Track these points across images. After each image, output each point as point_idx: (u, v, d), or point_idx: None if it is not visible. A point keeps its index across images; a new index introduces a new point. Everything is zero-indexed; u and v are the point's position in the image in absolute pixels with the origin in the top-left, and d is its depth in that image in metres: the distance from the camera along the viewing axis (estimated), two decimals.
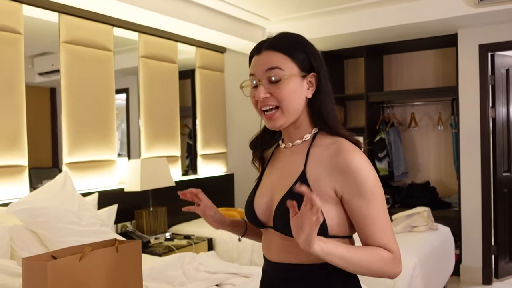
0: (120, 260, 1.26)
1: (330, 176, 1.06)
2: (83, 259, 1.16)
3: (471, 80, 4.06)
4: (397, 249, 1.07)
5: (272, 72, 1.08)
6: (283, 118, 1.10)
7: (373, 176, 1.06)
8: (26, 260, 1.15)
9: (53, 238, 2.34)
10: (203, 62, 4.32)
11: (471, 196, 4.08)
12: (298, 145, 1.15)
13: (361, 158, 1.06)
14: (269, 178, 1.20)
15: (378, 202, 1.05)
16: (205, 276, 2.18)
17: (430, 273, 2.80)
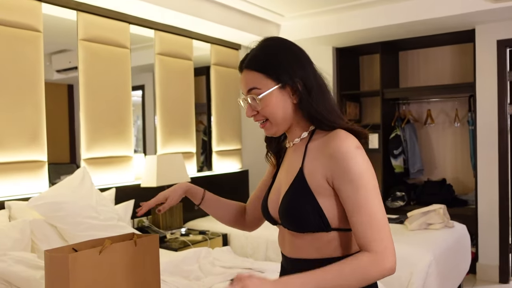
0: (139, 254, 1.28)
1: (322, 165, 1.08)
2: (102, 252, 1.19)
3: (488, 76, 4.01)
4: (383, 245, 1.00)
5: (251, 92, 1.13)
6: (274, 128, 1.16)
7: (362, 162, 1.05)
8: (48, 253, 1.19)
9: (72, 232, 2.39)
10: (218, 59, 4.34)
11: (488, 194, 4.04)
12: (297, 143, 1.18)
13: (352, 144, 1.05)
14: (279, 176, 1.23)
15: (366, 189, 1.03)
16: (221, 271, 2.21)
17: (446, 271, 2.79)
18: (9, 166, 2.67)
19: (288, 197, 1.12)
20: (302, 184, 1.09)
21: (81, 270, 1.14)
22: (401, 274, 2.58)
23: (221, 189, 4.20)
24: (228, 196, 4.62)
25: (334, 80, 4.80)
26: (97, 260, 1.18)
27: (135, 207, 3.08)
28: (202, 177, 4.07)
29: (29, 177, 2.77)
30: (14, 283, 1.94)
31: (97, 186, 2.92)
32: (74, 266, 1.13)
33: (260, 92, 1.12)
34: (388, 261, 1.00)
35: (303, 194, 1.09)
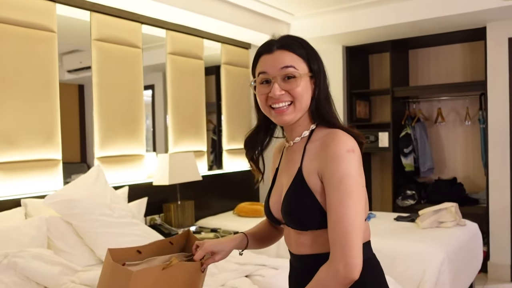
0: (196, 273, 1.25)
1: (318, 164, 1.09)
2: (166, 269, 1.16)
3: (500, 74, 3.99)
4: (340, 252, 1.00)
5: (287, 70, 1.12)
6: (293, 114, 1.14)
7: (348, 166, 1.04)
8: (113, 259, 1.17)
9: (88, 229, 2.43)
10: (228, 58, 4.36)
11: (499, 192, 4.02)
12: (297, 142, 1.19)
13: (345, 145, 1.05)
14: (279, 177, 1.25)
15: (344, 191, 1.02)
16: (235, 267, 2.24)
17: (458, 269, 2.78)
18: (25, 165, 2.71)
19: (289, 197, 1.14)
20: (302, 183, 1.11)
21: (140, 285, 1.12)
22: (414, 272, 2.59)
23: (231, 188, 4.26)
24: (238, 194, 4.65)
25: (344, 78, 4.80)
26: (158, 276, 1.15)
27: (148, 205, 3.12)
28: (213, 175, 4.10)
29: (44, 175, 2.81)
30: (32, 278, 1.97)
31: (110, 184, 2.95)
32: (135, 282, 1.11)
33: (298, 72, 1.12)
34: (340, 268, 1.00)
35: (303, 194, 1.10)
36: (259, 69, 1.16)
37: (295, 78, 1.12)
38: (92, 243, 2.44)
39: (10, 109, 2.65)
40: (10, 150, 2.65)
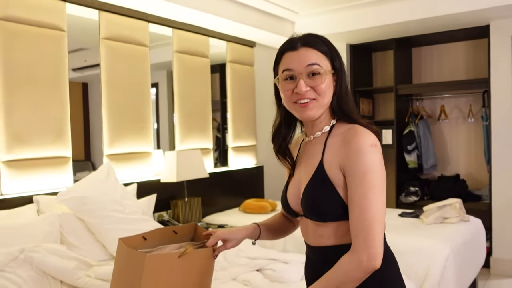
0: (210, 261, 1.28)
1: (340, 158, 1.13)
2: (181, 257, 1.19)
3: (503, 72, 4.03)
4: (363, 243, 1.05)
5: (312, 67, 1.16)
6: (316, 109, 1.18)
7: (372, 160, 1.08)
8: (124, 245, 1.22)
9: (99, 225, 2.47)
10: (233, 57, 4.40)
11: (502, 188, 4.06)
12: (318, 137, 1.23)
13: (368, 141, 1.10)
14: (298, 170, 1.28)
15: (367, 186, 1.06)
16: (246, 262, 2.28)
17: (463, 264, 2.83)
18: (35, 162, 2.76)
19: (310, 189, 1.18)
20: (323, 176, 1.15)
21: (155, 271, 1.16)
22: (419, 267, 2.63)
23: (237, 185, 4.31)
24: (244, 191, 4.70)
25: (349, 76, 4.82)
26: (174, 263, 1.19)
27: (155, 202, 3.16)
28: (219, 172, 4.14)
29: (55, 172, 2.85)
30: (48, 273, 2.02)
31: (119, 181, 2.99)
32: (150, 266, 1.14)
33: (322, 69, 1.16)
34: (364, 258, 1.05)
35: (324, 186, 1.14)
36: (283, 66, 1.20)
37: (320, 75, 1.16)
38: (104, 239, 2.48)
39: (21, 107, 2.69)
40: (21, 147, 2.69)
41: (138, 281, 1.15)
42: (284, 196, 1.30)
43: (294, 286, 2.02)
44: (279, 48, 1.23)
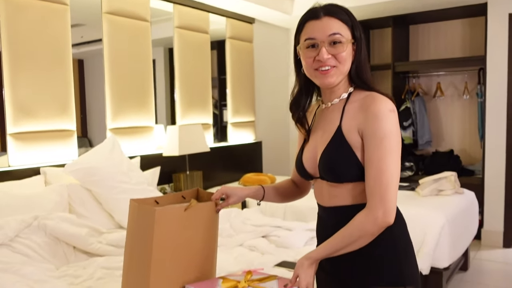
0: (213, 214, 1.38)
1: (358, 122, 1.20)
2: (187, 210, 1.29)
3: (500, 49, 4.09)
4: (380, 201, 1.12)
5: (334, 36, 1.21)
6: (336, 76, 1.24)
7: (391, 125, 1.15)
8: (135, 203, 1.30)
9: (107, 195, 2.54)
10: (233, 33, 4.42)
11: (495, 163, 4.17)
12: (335, 104, 1.29)
13: (386, 105, 1.16)
14: (314, 136, 1.34)
15: (386, 149, 1.13)
16: (251, 229, 2.37)
17: (457, 233, 2.94)
18: (41, 135, 2.80)
19: (329, 152, 1.24)
20: (341, 139, 1.22)
21: (165, 224, 1.25)
22: (415, 235, 2.72)
23: (236, 160, 4.38)
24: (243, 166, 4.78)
25: None
26: (181, 216, 1.28)
27: (161, 174, 3.23)
28: (219, 147, 4.21)
29: (60, 145, 2.90)
30: (62, 239, 2.09)
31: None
32: (160, 219, 1.23)
33: (343, 39, 1.22)
34: (379, 214, 1.13)
35: (342, 149, 1.21)
36: (305, 35, 1.25)
37: (341, 44, 1.21)
38: (111, 209, 2.55)
39: (26, 81, 2.72)
40: (28, 120, 2.73)
41: (151, 234, 1.23)
42: (300, 160, 1.36)
43: (298, 250, 2.12)
44: (301, 17, 1.28)
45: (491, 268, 3.71)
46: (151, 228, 1.23)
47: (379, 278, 1.21)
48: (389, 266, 1.21)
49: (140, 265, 1.27)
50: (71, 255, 2.09)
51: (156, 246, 1.24)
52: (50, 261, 1.98)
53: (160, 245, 1.24)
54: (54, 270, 1.92)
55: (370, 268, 1.22)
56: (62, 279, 1.78)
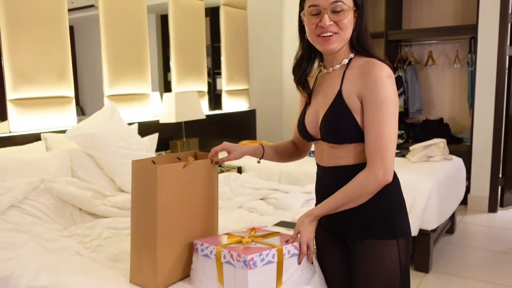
0: (211, 170, 1.48)
1: (358, 87, 1.28)
2: (186, 167, 1.39)
3: (491, 18, 4.14)
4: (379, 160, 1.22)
5: (337, 4, 1.27)
6: (337, 43, 1.31)
7: (389, 90, 1.23)
8: (137, 163, 1.39)
9: (108, 160, 2.60)
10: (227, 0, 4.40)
11: (483, 131, 4.29)
12: (336, 69, 1.36)
13: (385, 72, 1.24)
14: (315, 100, 1.42)
15: (384, 113, 1.22)
16: (250, 192, 2.46)
17: (445, 196, 3.07)
18: (40, 101, 2.83)
19: (329, 114, 1.33)
20: (341, 103, 1.30)
21: (167, 180, 1.34)
22: (406, 198, 2.85)
23: (231, 127, 4.44)
24: (238, 133, 4.85)
25: None
26: (181, 173, 1.38)
27: (158, 141, 3.29)
28: (214, 115, 4.26)
29: (59, 111, 2.93)
30: (68, 201, 2.16)
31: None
32: (162, 176, 1.32)
33: (345, 6, 1.28)
34: (380, 173, 1.23)
35: (342, 112, 1.30)
36: (309, 2, 1.31)
37: (343, 11, 1.28)
38: (112, 173, 2.62)
39: (25, 47, 2.72)
40: (27, 86, 2.75)
41: (154, 191, 1.33)
42: (302, 122, 1.44)
43: (295, 211, 2.22)
44: None
45: (476, 231, 3.88)
46: (154, 184, 1.33)
47: (375, 231, 1.31)
48: (385, 221, 1.31)
49: (147, 221, 1.36)
50: (78, 216, 2.17)
51: (160, 202, 1.33)
52: (58, 222, 2.06)
53: (163, 201, 1.34)
54: (62, 230, 2.00)
55: (367, 223, 1.32)
56: (71, 238, 1.87)
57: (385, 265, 1.30)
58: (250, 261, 1.19)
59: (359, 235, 1.34)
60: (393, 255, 1.30)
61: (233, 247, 1.29)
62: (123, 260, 1.60)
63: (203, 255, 1.33)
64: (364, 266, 1.32)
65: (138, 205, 1.40)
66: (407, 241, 1.34)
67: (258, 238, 1.38)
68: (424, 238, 2.97)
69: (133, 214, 1.42)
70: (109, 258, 1.62)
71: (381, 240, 1.31)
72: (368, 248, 1.31)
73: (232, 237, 1.38)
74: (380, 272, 1.30)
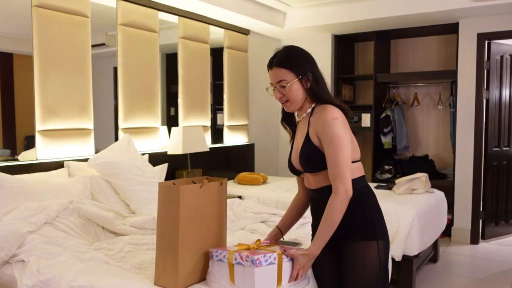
0: (222, 191, 1.81)
1: (315, 128, 1.68)
2: (202, 187, 1.72)
3: (469, 65, 4.57)
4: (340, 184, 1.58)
5: (280, 83, 1.72)
6: (293, 106, 1.76)
7: (337, 127, 1.60)
8: (162, 184, 1.72)
9: (124, 186, 2.91)
10: (230, 43, 4.83)
11: (464, 168, 4.65)
12: (304, 117, 1.78)
13: (332, 113, 1.62)
14: (295, 141, 1.83)
15: (335, 145, 1.59)
16: (251, 216, 2.77)
17: (426, 225, 3.39)
18: (64, 132, 3.16)
19: (303, 152, 1.73)
20: (309, 142, 1.71)
21: (187, 199, 1.67)
22: (390, 227, 3.13)
23: (231, 160, 4.78)
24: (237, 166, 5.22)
25: (332, 64, 5.33)
26: (198, 192, 1.71)
27: (168, 171, 3.60)
28: (216, 148, 4.60)
29: (79, 142, 3.26)
30: (93, 220, 2.46)
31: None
32: (183, 194, 1.65)
33: (287, 82, 1.70)
34: (342, 193, 1.58)
35: (311, 149, 1.70)
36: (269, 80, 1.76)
37: (287, 86, 1.70)
38: (128, 198, 2.92)
39: (53, 84, 3.08)
40: (53, 119, 3.09)
41: (177, 206, 1.66)
42: (289, 161, 1.84)
43: (290, 233, 2.52)
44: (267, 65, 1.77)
45: (458, 260, 4.17)
46: (177, 201, 1.66)
47: (358, 234, 1.67)
48: (366, 225, 1.67)
49: (170, 232, 1.68)
50: (101, 233, 2.47)
51: (181, 215, 1.65)
52: (85, 238, 2.36)
53: (184, 215, 1.66)
54: (89, 245, 2.29)
55: (351, 228, 1.67)
56: (99, 251, 2.16)
57: (367, 261, 1.64)
58: (257, 260, 1.51)
59: (345, 238, 1.68)
60: (374, 253, 1.63)
61: (242, 251, 1.60)
62: (146, 268, 1.90)
63: (218, 259, 1.64)
64: (350, 263, 1.66)
65: (163, 218, 1.72)
66: (385, 242, 1.69)
67: (262, 247, 1.69)
68: (407, 263, 3.26)
69: (158, 225, 1.73)
70: (134, 266, 1.92)
71: (363, 241, 1.66)
72: (353, 248, 1.67)
73: (241, 245, 1.70)
74: (363, 268, 1.64)
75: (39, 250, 2.05)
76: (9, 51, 3.40)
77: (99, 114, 3.51)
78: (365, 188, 1.73)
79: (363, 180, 1.74)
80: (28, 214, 2.25)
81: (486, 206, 4.70)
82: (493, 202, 4.75)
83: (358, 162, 1.73)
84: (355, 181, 1.66)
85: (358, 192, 1.66)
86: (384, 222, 1.73)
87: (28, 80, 3.05)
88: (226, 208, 1.87)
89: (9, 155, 3.22)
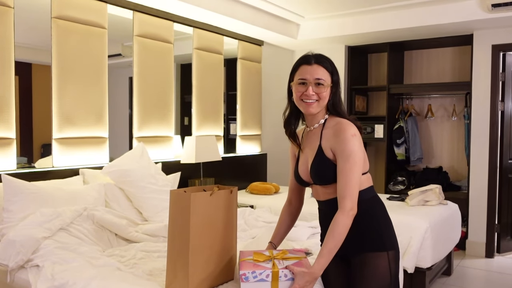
0: (232, 199, 1.83)
1: (330, 142, 1.68)
2: (212, 195, 1.74)
3: (483, 77, 4.54)
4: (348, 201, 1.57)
5: (319, 80, 1.70)
6: (316, 108, 1.73)
7: (354, 144, 1.60)
8: (174, 192, 1.74)
9: (137, 194, 2.95)
10: (244, 54, 4.88)
11: (479, 180, 4.59)
12: (316, 128, 1.77)
13: (350, 130, 1.62)
14: (304, 152, 1.82)
15: (351, 163, 1.59)
16: (262, 224, 2.78)
17: (439, 237, 3.35)
18: (80, 140, 3.22)
19: (315, 164, 1.73)
20: (322, 155, 1.70)
21: (197, 206, 1.69)
22: (402, 239, 3.14)
23: (243, 169, 4.81)
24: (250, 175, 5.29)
25: (346, 75, 5.34)
26: (208, 200, 1.74)
27: (181, 179, 3.64)
28: (229, 157, 4.63)
29: (94, 150, 3.32)
30: (106, 227, 2.50)
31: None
32: (194, 202, 1.68)
33: (325, 82, 1.69)
34: (349, 210, 1.58)
35: (324, 161, 1.70)
36: (299, 75, 1.73)
37: (323, 86, 1.70)
38: (140, 205, 2.96)
39: (70, 93, 3.15)
40: (69, 127, 3.16)
41: (188, 213, 1.68)
42: (296, 172, 1.84)
43: (302, 242, 2.52)
44: (298, 60, 1.77)
45: (473, 274, 4.11)
46: (188, 208, 1.68)
47: (368, 246, 1.67)
48: (375, 236, 1.67)
49: (181, 238, 1.70)
50: (114, 240, 2.50)
51: (192, 222, 1.67)
52: (98, 244, 2.40)
53: (194, 222, 1.69)
54: (102, 251, 2.33)
55: (361, 240, 1.67)
56: (111, 257, 2.19)
57: (377, 273, 1.63)
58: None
59: (356, 250, 1.68)
60: (384, 264, 1.63)
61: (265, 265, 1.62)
62: (158, 275, 1.92)
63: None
64: (360, 274, 1.66)
65: (174, 225, 1.74)
66: (396, 253, 1.68)
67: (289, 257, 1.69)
68: (420, 275, 3.23)
69: (169, 232, 1.75)
70: (145, 272, 1.94)
71: (373, 252, 1.66)
72: (363, 259, 1.66)
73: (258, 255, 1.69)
74: (373, 279, 1.63)
75: (54, 255, 2.09)
76: (28, 61, 3.50)
77: (114, 123, 3.57)
78: (373, 199, 1.74)
79: (371, 190, 1.74)
80: (43, 220, 2.30)
81: (502, 219, 4.63)
82: (508, 215, 4.68)
83: (367, 174, 1.74)
84: (364, 192, 1.67)
85: (367, 203, 1.67)
86: (393, 233, 1.73)
87: (46, 89, 3.13)
88: (237, 216, 1.89)
89: (25, 163, 3.29)
